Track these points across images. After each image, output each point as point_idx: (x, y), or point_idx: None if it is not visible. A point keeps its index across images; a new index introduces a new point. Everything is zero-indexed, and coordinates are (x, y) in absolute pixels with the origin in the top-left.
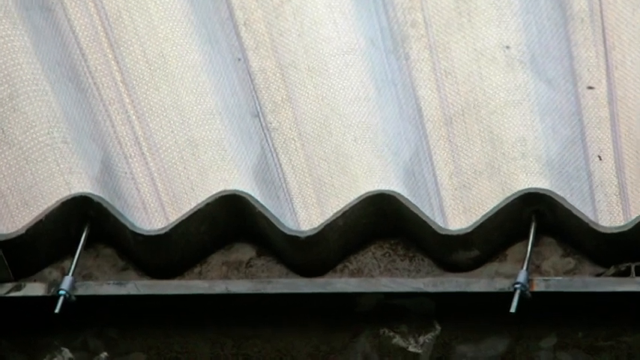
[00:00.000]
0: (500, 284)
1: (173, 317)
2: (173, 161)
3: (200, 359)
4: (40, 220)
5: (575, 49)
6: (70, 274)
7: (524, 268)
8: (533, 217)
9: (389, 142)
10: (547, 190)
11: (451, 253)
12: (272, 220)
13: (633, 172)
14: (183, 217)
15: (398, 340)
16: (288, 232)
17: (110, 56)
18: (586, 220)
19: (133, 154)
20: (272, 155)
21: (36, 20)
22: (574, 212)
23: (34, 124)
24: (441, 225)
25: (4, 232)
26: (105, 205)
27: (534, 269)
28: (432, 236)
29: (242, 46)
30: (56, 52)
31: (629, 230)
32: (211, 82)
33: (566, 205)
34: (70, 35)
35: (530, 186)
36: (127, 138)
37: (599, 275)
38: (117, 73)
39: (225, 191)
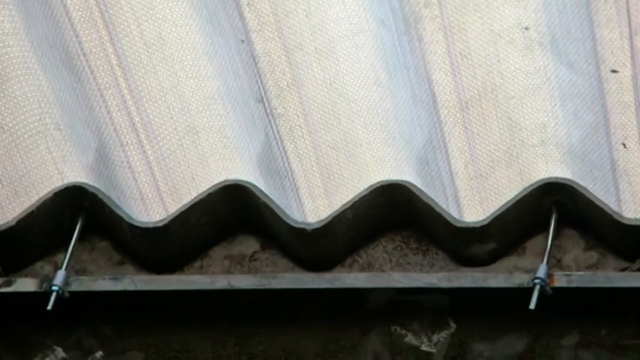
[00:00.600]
0: (518, 279)
1: (172, 314)
2: (172, 149)
3: (201, 358)
4: (32, 212)
5: (599, 31)
6: (63, 268)
7: (544, 262)
8: (554, 208)
9: (401, 128)
10: (568, 180)
11: (467, 246)
12: (277, 211)
13: None
14: (183, 208)
15: (410, 339)
16: (294, 225)
17: (106, 38)
18: (609, 211)
19: (129, 142)
20: (277, 143)
21: (27, 0)
22: (597, 203)
23: (24, 109)
24: (456, 216)
25: None
26: (100, 195)
27: (555, 263)
28: (446, 228)
29: (245, 27)
30: (48, 33)
31: None
32: (213, 66)
33: (589, 196)
34: (63, 15)
35: (550, 175)
36: (123, 124)
37: (623, 270)
38: (113, 56)
39: (227, 181)
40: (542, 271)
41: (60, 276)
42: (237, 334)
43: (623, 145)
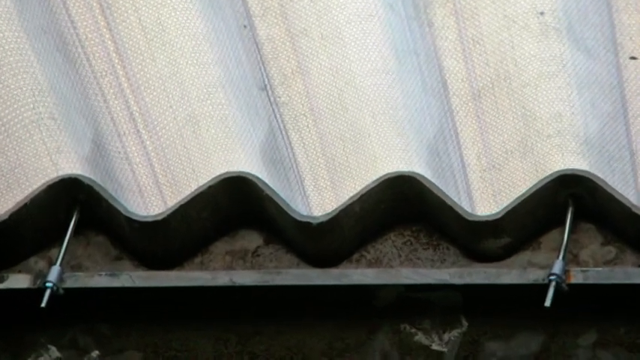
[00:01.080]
0: (533, 275)
1: (172, 312)
2: (172, 139)
3: (202, 358)
4: (25, 205)
5: (617, 16)
6: (58, 264)
7: (560, 257)
8: (570, 201)
9: (411, 118)
10: (585, 172)
11: (479, 241)
12: (281, 204)
13: None
14: (183, 202)
15: (420, 337)
16: (299, 218)
17: (102, 23)
18: (628, 205)
19: (127, 132)
20: (281, 133)
21: None
22: (615, 196)
23: (17, 98)
24: (468, 210)
25: None
26: (96, 188)
27: (571, 259)
28: (458, 222)
29: (248, 12)
30: (42, 18)
31: None
32: (214, 52)
33: (607, 188)
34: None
35: (566, 167)
36: (120, 114)
37: None
38: (109, 42)
39: (229, 173)
40: (558, 267)
41: (54, 272)
42: (239, 332)
43: None
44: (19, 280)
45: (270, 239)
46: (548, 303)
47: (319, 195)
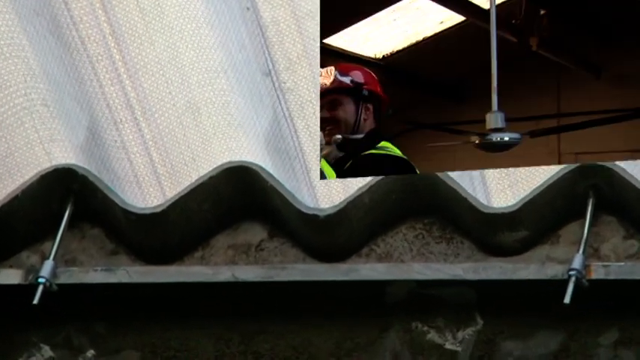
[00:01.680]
0: (552, 271)
1: (171, 309)
2: (171, 127)
3: (202, 357)
4: (16, 196)
5: None
6: (51, 258)
7: (580, 251)
8: (591, 192)
9: None
10: (606, 161)
11: (495, 234)
12: (286, 196)
13: None
14: (183, 193)
15: (433, 336)
16: (306, 211)
17: (97, 5)
18: None
19: (124, 119)
20: (286, 120)
21: None
22: (637, 186)
23: (8, 84)
24: (484, 202)
25: None
26: (91, 178)
27: (592, 253)
28: (472, 214)
29: None
30: None
31: None
32: (215, 36)
33: (628, 178)
34: None
35: None
36: (117, 100)
37: None
38: (105, 25)
39: (231, 162)
40: (577, 262)
41: (47, 267)
42: (242, 330)
43: None
44: (9, 276)
45: (275, 232)
46: (567, 300)
47: (326, 186)
